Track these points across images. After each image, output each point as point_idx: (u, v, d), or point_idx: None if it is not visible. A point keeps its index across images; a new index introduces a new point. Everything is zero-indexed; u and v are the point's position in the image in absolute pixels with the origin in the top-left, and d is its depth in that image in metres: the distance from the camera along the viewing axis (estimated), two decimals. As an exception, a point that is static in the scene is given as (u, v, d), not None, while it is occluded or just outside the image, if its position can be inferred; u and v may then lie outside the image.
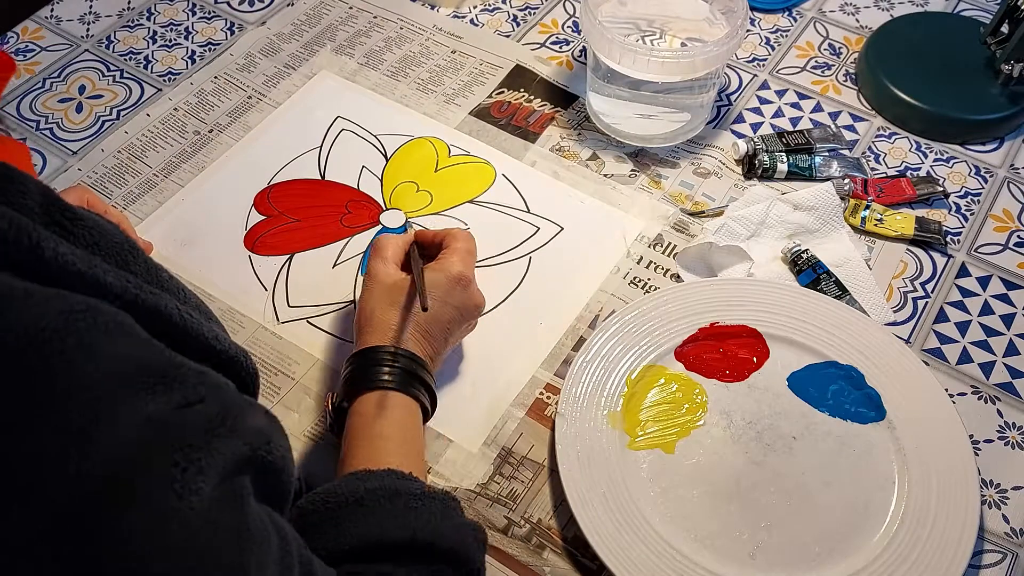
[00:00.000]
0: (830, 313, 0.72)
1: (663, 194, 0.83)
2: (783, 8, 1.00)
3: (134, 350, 0.35)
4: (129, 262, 0.42)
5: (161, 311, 0.40)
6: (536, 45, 0.97)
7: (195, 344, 0.42)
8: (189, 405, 0.35)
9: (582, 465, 0.65)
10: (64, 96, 0.93)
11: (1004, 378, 0.72)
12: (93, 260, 0.38)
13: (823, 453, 0.67)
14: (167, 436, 0.34)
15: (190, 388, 0.36)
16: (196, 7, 1.01)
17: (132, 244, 0.43)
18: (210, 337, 0.43)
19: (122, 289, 0.39)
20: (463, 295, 0.65)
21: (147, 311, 0.40)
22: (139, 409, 0.33)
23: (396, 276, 0.66)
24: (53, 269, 0.36)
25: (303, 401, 0.71)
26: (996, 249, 0.80)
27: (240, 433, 0.37)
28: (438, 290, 0.64)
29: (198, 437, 0.35)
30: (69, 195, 0.71)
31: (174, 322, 0.41)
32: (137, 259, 0.42)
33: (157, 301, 0.40)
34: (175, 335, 0.41)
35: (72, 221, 0.39)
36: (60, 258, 0.36)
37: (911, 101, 0.87)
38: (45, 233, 0.36)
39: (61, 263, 0.36)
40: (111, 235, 0.41)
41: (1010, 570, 0.63)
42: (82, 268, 0.37)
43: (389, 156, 0.87)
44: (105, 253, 0.40)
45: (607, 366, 0.70)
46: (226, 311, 0.76)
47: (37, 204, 0.38)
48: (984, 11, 0.98)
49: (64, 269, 0.36)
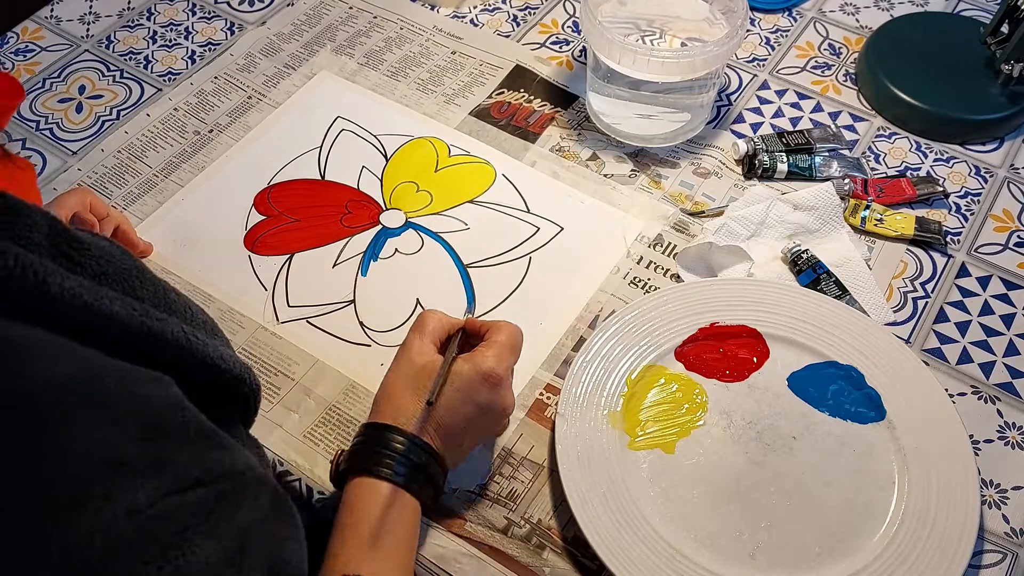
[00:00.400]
0: (830, 313, 0.72)
1: (663, 194, 0.83)
2: (783, 8, 1.00)
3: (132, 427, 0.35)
4: (136, 287, 0.42)
5: (168, 337, 0.41)
6: (536, 45, 0.97)
7: (200, 366, 0.43)
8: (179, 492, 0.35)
9: (582, 465, 0.65)
10: (64, 96, 0.93)
11: (1004, 378, 0.72)
12: (100, 290, 0.38)
13: (823, 453, 0.67)
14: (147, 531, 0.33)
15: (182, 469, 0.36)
16: (196, 7, 1.01)
17: (140, 268, 0.43)
18: (215, 357, 0.43)
19: (128, 317, 0.39)
20: (490, 394, 0.60)
21: (153, 339, 0.40)
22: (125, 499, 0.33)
23: (429, 357, 0.60)
24: (61, 304, 0.36)
25: (303, 402, 0.71)
26: (996, 249, 0.80)
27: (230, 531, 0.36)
28: (462, 383, 0.59)
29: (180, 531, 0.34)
30: (71, 197, 0.72)
31: (180, 345, 0.41)
32: (144, 283, 0.43)
33: (163, 327, 0.41)
34: (180, 358, 0.42)
35: (79, 251, 0.40)
36: (67, 292, 0.36)
37: (911, 101, 0.87)
38: (52, 267, 0.36)
39: (68, 297, 0.36)
40: (118, 261, 0.42)
41: (1010, 570, 0.63)
42: (89, 300, 0.37)
43: (389, 156, 0.87)
44: (112, 281, 0.41)
45: (607, 366, 0.70)
46: (226, 311, 0.76)
47: (44, 236, 0.38)
48: (984, 11, 0.98)
49: (71, 303, 0.37)
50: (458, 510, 0.65)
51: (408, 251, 0.79)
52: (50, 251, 0.38)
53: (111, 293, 0.39)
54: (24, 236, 0.37)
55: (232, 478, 0.38)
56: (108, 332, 0.38)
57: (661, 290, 0.74)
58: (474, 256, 0.79)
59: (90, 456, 0.33)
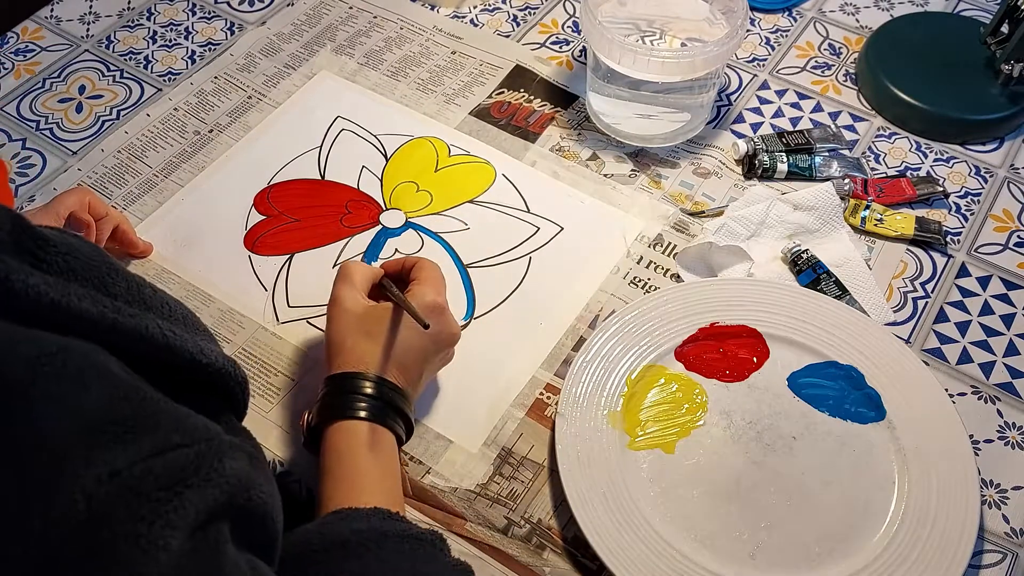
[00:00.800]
0: (830, 313, 0.72)
1: (663, 194, 0.83)
2: (783, 8, 1.00)
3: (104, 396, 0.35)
4: (107, 284, 0.41)
5: (142, 333, 0.40)
6: (536, 45, 0.97)
7: (179, 361, 0.42)
8: (160, 453, 0.35)
9: (582, 465, 0.65)
10: (64, 96, 0.93)
11: (1004, 378, 0.72)
12: (68, 287, 0.38)
13: (823, 453, 0.67)
14: (132, 490, 0.33)
15: (161, 435, 0.35)
16: (196, 7, 1.01)
17: (111, 264, 0.42)
18: (195, 352, 0.43)
19: (99, 315, 0.38)
20: (438, 324, 0.63)
21: (126, 334, 0.39)
22: (105, 462, 0.33)
23: (366, 304, 0.63)
24: (25, 301, 0.36)
25: (303, 402, 0.71)
26: (996, 249, 0.80)
27: (215, 481, 0.36)
28: (411, 320, 0.62)
29: (167, 488, 0.34)
30: (69, 197, 0.71)
31: (156, 342, 0.41)
32: (116, 279, 0.42)
33: (136, 323, 0.40)
34: (157, 355, 0.41)
35: (43, 248, 0.39)
36: (31, 289, 0.36)
37: (911, 101, 0.87)
38: (14, 264, 0.36)
39: (33, 294, 0.36)
40: (87, 258, 0.41)
41: (1010, 570, 0.63)
42: (55, 297, 0.37)
43: (389, 156, 0.87)
44: (81, 278, 0.40)
45: (607, 366, 0.70)
46: (226, 311, 0.76)
47: (6, 233, 0.37)
48: (984, 11, 0.98)
49: (37, 300, 0.36)
50: (458, 510, 0.65)
51: (408, 251, 0.79)
52: (13, 248, 0.37)
53: (79, 290, 0.38)
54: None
55: (209, 440, 0.37)
56: (77, 330, 0.37)
57: (661, 290, 0.74)
58: (474, 256, 0.79)
59: (62, 425, 0.33)
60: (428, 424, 0.69)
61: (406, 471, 0.67)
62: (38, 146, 0.88)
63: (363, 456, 0.57)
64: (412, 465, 0.67)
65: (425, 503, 0.65)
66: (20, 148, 0.88)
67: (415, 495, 0.66)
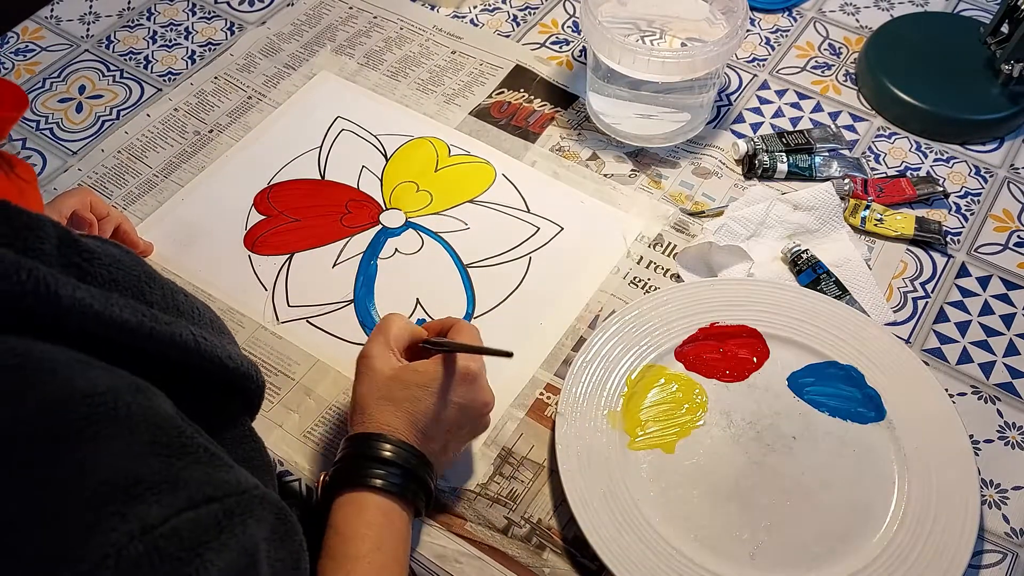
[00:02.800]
0: (830, 313, 0.72)
1: (663, 194, 0.83)
2: (783, 8, 1.00)
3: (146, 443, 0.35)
4: (145, 292, 0.43)
5: (175, 340, 0.41)
6: (536, 45, 0.97)
7: (209, 366, 0.43)
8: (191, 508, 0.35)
9: (582, 465, 0.65)
10: (64, 96, 0.93)
11: (1004, 378, 0.72)
12: (110, 298, 0.39)
13: (823, 453, 0.67)
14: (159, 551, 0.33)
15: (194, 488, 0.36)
16: (196, 7, 1.01)
17: (148, 272, 0.44)
18: (223, 357, 0.44)
19: (138, 324, 0.40)
20: (468, 391, 0.59)
21: (161, 342, 0.41)
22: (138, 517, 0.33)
23: (395, 366, 0.60)
24: (71, 315, 0.37)
25: (303, 402, 0.71)
26: (996, 249, 0.80)
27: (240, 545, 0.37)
28: (438, 386, 0.58)
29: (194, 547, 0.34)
30: (71, 197, 0.72)
31: (189, 348, 0.42)
32: (153, 287, 0.43)
33: (172, 331, 0.41)
34: (190, 360, 0.42)
35: (88, 261, 0.40)
36: (78, 303, 0.37)
37: (911, 101, 0.87)
38: (63, 279, 0.37)
39: (80, 308, 0.37)
40: (127, 268, 0.42)
41: (1010, 570, 0.63)
42: (99, 308, 0.38)
43: (389, 156, 0.87)
44: (122, 288, 0.41)
45: (607, 366, 0.70)
46: (226, 311, 0.76)
47: (54, 247, 0.39)
48: (984, 11, 0.98)
49: (83, 313, 0.37)
50: (458, 510, 0.65)
51: (408, 251, 0.79)
52: (60, 261, 0.39)
53: (120, 300, 0.40)
54: (36, 248, 0.38)
55: (239, 495, 0.38)
56: (117, 339, 0.39)
57: (661, 290, 0.74)
58: (474, 256, 0.79)
59: (107, 474, 0.33)
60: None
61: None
62: (38, 146, 0.88)
63: (365, 540, 0.54)
64: (412, 465, 0.67)
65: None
66: (20, 148, 0.88)
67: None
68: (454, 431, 0.60)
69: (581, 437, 0.66)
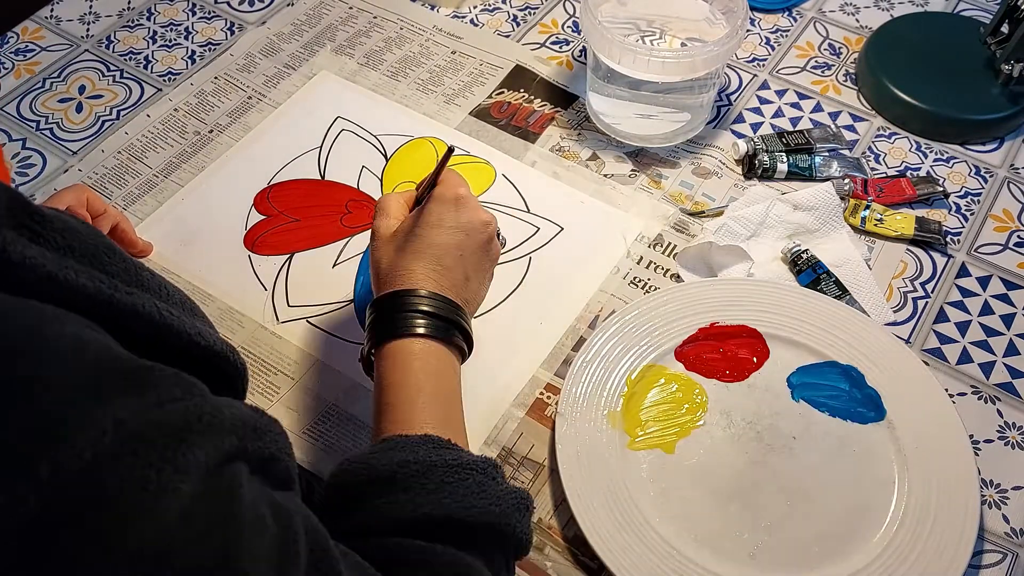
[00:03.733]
0: (830, 313, 0.72)
1: (663, 194, 0.83)
2: (783, 8, 1.00)
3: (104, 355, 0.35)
4: (104, 262, 0.41)
5: (139, 310, 0.40)
6: (536, 45, 0.97)
7: (176, 341, 0.42)
8: (162, 405, 0.35)
9: (582, 465, 0.65)
10: (64, 96, 0.93)
11: (1004, 378, 0.72)
12: (64, 261, 0.38)
13: (823, 453, 0.67)
14: (139, 438, 0.33)
15: (164, 388, 0.35)
16: (196, 7, 1.01)
17: (108, 244, 0.42)
18: (192, 334, 0.42)
19: (96, 290, 0.38)
20: (462, 214, 0.61)
21: (123, 311, 0.39)
22: (109, 413, 0.33)
23: (395, 226, 0.63)
24: (22, 271, 0.36)
25: (303, 401, 0.71)
26: (996, 249, 0.80)
27: (223, 427, 0.36)
28: (433, 217, 0.60)
29: (173, 436, 0.34)
30: (67, 194, 0.72)
31: (153, 320, 0.40)
32: (114, 258, 0.42)
33: (134, 300, 0.40)
34: (154, 334, 0.41)
35: (41, 224, 0.38)
36: (29, 261, 0.36)
37: (911, 101, 0.87)
38: (11, 235, 0.36)
39: (30, 265, 0.36)
40: (84, 236, 0.41)
41: (1010, 570, 0.63)
42: (52, 270, 0.37)
43: (389, 156, 0.87)
44: (78, 254, 0.40)
45: (607, 366, 0.70)
46: (226, 311, 0.76)
47: (3, 207, 0.37)
48: (984, 11, 0.98)
49: (34, 271, 0.36)
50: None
51: (408, 251, 0.79)
52: (10, 222, 0.37)
53: (76, 266, 0.38)
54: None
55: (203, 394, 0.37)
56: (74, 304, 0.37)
57: (661, 290, 0.74)
58: (474, 256, 0.79)
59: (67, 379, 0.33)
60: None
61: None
62: (38, 146, 0.88)
63: (416, 378, 0.55)
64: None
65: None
66: (20, 148, 0.88)
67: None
68: (468, 259, 0.61)
69: (581, 437, 0.66)
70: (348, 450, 0.68)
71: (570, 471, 0.64)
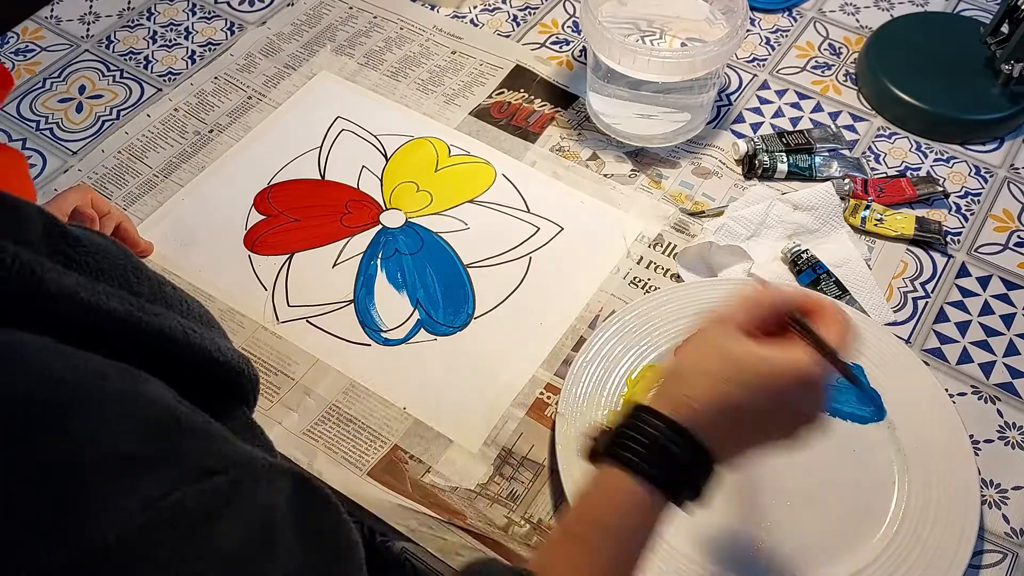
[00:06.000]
0: (830, 313, 0.72)
1: (663, 194, 0.83)
2: (783, 8, 1.00)
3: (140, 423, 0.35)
4: (132, 282, 0.42)
5: (165, 332, 0.40)
6: (536, 45, 0.97)
7: (198, 358, 0.42)
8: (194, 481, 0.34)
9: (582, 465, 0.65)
10: (64, 96, 0.93)
11: (1004, 378, 0.72)
12: (96, 287, 0.38)
13: (823, 453, 0.66)
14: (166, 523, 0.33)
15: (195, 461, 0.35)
16: (196, 7, 1.01)
17: (135, 263, 0.43)
18: (212, 349, 0.43)
19: (126, 313, 0.39)
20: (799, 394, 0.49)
21: (150, 333, 0.40)
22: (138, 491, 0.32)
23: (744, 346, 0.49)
24: (57, 302, 0.36)
25: (303, 401, 0.71)
26: (996, 249, 0.80)
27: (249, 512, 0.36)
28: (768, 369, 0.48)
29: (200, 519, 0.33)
30: (72, 194, 0.71)
31: (177, 339, 0.41)
32: (141, 277, 0.42)
33: (161, 322, 0.40)
34: (178, 352, 0.41)
35: (74, 248, 0.39)
36: (65, 290, 0.36)
37: (911, 101, 0.87)
38: (49, 265, 0.36)
39: (66, 295, 0.36)
40: (114, 257, 0.41)
41: (1010, 570, 0.63)
42: (85, 297, 0.37)
43: (389, 156, 0.87)
44: (108, 277, 0.40)
45: (607, 366, 0.70)
46: (226, 311, 0.76)
47: (39, 234, 0.38)
48: (984, 11, 0.98)
49: (70, 300, 0.36)
50: (458, 509, 0.65)
51: (408, 251, 0.79)
52: (46, 248, 0.38)
53: (107, 289, 0.39)
54: (22, 234, 0.37)
55: (244, 466, 0.37)
56: (104, 328, 0.38)
57: (661, 290, 0.74)
58: (474, 256, 0.79)
59: (95, 452, 0.33)
60: (428, 423, 0.69)
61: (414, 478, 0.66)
62: (38, 146, 0.88)
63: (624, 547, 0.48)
64: (412, 464, 0.67)
65: (425, 500, 0.65)
66: (20, 148, 0.88)
67: (415, 492, 0.66)
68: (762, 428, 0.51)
69: (581, 437, 0.66)
70: (348, 450, 0.68)
71: (570, 471, 0.64)
